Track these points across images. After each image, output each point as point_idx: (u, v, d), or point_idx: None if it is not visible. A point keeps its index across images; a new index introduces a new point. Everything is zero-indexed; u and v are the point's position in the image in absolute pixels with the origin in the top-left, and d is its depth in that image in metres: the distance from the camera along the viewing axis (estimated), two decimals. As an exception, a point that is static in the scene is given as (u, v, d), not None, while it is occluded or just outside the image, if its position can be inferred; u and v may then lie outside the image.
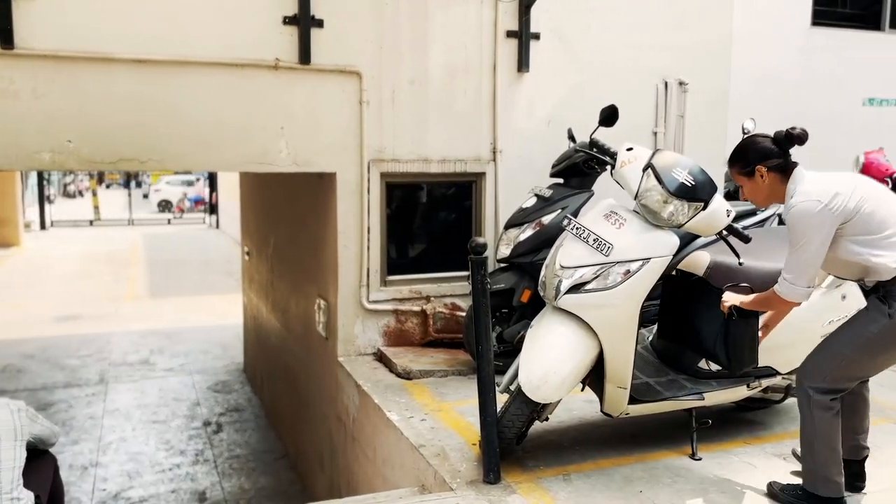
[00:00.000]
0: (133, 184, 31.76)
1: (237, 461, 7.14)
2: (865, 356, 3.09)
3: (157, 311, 12.70)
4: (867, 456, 3.35)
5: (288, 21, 4.86)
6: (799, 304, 3.13)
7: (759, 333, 3.46)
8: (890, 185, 6.73)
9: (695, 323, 3.70)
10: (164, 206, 31.11)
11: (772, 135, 3.13)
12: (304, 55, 4.90)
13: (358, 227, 5.22)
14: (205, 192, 29.79)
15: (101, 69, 4.51)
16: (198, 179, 31.67)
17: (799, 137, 3.06)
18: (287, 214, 6.80)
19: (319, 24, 4.92)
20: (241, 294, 10.11)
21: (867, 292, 3.11)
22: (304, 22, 4.86)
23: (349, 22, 5.04)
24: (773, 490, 3.32)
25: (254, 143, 4.88)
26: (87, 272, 16.21)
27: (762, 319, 3.48)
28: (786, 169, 3.09)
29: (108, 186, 43.97)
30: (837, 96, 8.23)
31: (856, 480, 3.26)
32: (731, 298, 3.40)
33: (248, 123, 4.84)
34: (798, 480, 3.35)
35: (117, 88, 4.56)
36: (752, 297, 3.34)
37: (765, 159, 3.09)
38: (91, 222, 26.24)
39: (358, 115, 5.12)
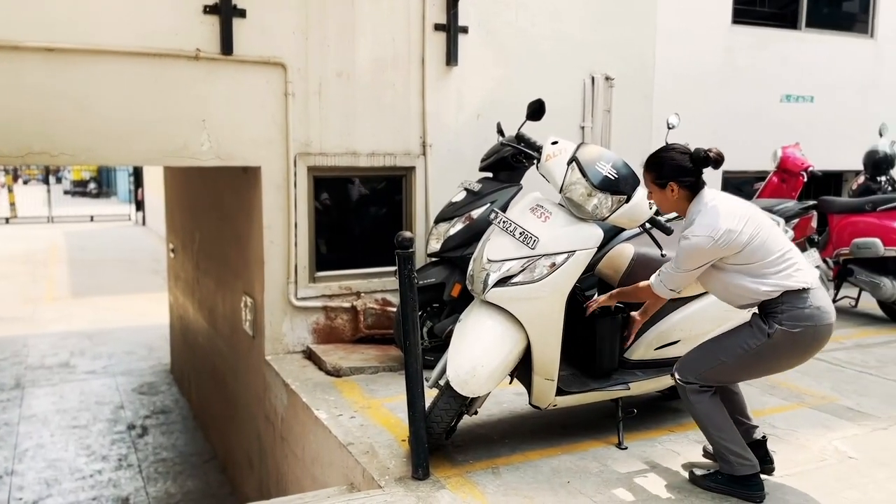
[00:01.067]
0: (53, 179, 30.30)
1: (163, 465, 6.92)
2: (740, 367, 3.24)
3: (79, 312, 12.22)
4: (765, 437, 3.44)
5: (209, 10, 4.71)
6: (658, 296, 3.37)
7: (636, 318, 3.70)
8: (805, 179, 7.00)
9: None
10: None
11: (690, 150, 3.21)
12: (227, 46, 4.76)
13: (284, 223, 5.11)
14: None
15: (7, 57, 4.28)
16: None
17: (715, 161, 3.16)
18: (212, 210, 6.62)
19: (242, 13, 4.78)
20: (167, 293, 9.81)
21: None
22: (225, 11, 4.72)
23: (273, 12, 4.91)
24: (695, 477, 3.39)
25: (174, 136, 4.71)
26: (3, 272, 15.47)
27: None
28: (696, 188, 3.20)
29: (25, 182, 42.11)
30: (757, 92, 8.48)
31: (762, 462, 3.36)
32: (598, 300, 3.63)
33: (168, 116, 4.67)
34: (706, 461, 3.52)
35: (25, 78, 4.33)
36: (624, 288, 3.58)
37: (678, 176, 3.18)
38: (7, 220, 25.06)
39: (283, 107, 5.01)
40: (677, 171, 3.18)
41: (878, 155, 7.16)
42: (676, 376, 3.33)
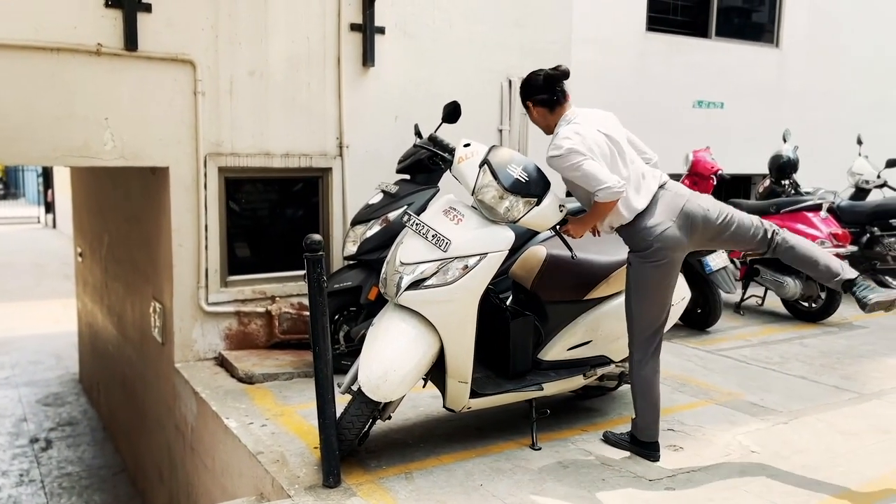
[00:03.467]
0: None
1: (68, 479, 6.60)
2: (641, 301, 3.56)
3: (-21, 320, 11.57)
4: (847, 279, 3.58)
5: (111, 4, 4.51)
6: (618, 199, 3.41)
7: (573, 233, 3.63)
8: (715, 182, 7.23)
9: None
10: None
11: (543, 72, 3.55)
12: (131, 41, 4.57)
13: (194, 225, 4.94)
14: None
15: None
16: None
17: (557, 77, 3.52)
18: (121, 211, 6.35)
19: (147, 8, 4.60)
20: (75, 299, 9.38)
21: None
22: (129, 5, 4.53)
23: (181, 7, 4.75)
24: (608, 436, 3.86)
25: (73, 135, 4.49)
26: None
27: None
28: (552, 104, 3.54)
29: (-75, 183, 39.63)
30: (670, 98, 8.73)
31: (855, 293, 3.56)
32: (572, 222, 3.63)
33: (67, 113, 4.45)
34: None
35: None
36: (583, 217, 3.62)
37: (532, 95, 3.54)
38: None
39: (192, 106, 4.84)
40: (530, 90, 3.56)
41: (782, 159, 7.48)
42: (631, 353, 3.64)
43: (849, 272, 3.52)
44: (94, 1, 4.47)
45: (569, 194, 6.76)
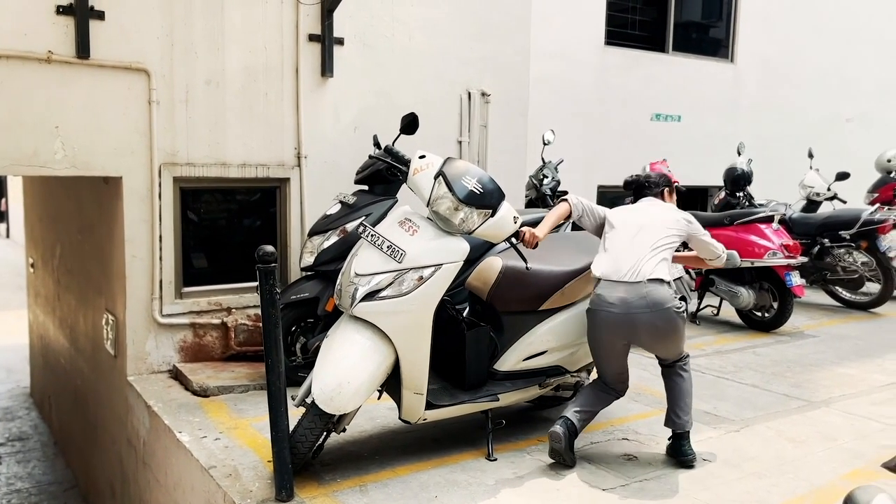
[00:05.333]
0: None
1: (17, 496, 6.41)
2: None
3: (-74, 333, 11.20)
4: (680, 433, 3.83)
5: (62, 11, 4.43)
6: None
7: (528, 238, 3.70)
8: (672, 194, 7.33)
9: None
10: None
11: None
12: (83, 49, 4.49)
13: (148, 236, 4.86)
14: None
15: None
16: None
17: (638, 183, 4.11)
18: (73, 221, 6.22)
19: (100, 15, 4.53)
20: (27, 310, 9.14)
21: None
22: (81, 12, 4.45)
23: (135, 15, 4.68)
24: None
25: (21, 143, 4.39)
26: None
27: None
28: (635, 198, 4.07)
29: None
30: (628, 111, 8.88)
31: (676, 455, 3.81)
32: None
33: (14, 121, 4.35)
34: None
35: None
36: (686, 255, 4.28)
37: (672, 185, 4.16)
38: None
39: (147, 115, 4.77)
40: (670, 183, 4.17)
41: (737, 172, 7.65)
42: None
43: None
44: (44, 8, 4.38)
45: (528, 205, 6.84)
